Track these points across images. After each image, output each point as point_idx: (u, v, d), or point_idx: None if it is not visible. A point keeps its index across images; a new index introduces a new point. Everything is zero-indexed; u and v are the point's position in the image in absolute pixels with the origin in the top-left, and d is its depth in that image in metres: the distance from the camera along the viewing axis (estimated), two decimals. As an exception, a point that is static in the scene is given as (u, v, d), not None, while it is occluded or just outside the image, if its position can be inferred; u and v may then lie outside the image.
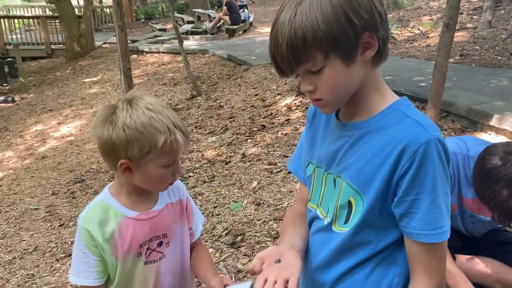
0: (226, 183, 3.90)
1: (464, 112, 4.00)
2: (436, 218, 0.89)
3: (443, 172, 0.89)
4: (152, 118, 1.10)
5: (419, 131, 0.88)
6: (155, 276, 1.27)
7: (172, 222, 1.28)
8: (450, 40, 3.50)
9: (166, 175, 1.17)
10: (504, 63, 6.12)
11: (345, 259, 1.02)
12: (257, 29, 13.44)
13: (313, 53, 0.86)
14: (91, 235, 1.17)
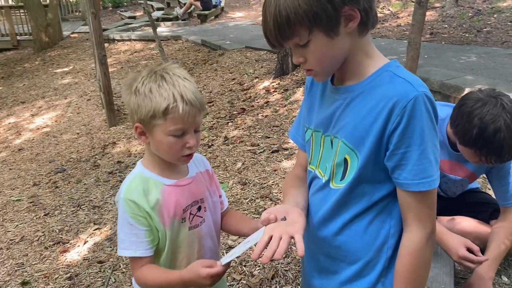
0: (211, 166, 3.95)
1: (437, 87, 4.16)
2: (425, 168, 0.95)
3: (431, 125, 0.95)
4: (161, 86, 1.15)
5: (407, 88, 0.94)
6: (198, 240, 1.32)
7: (204, 188, 1.34)
8: (422, 17, 3.62)
9: (175, 145, 1.19)
10: (472, 40, 6.33)
11: (343, 213, 1.09)
12: (228, 14, 13.36)
13: (297, 29, 0.93)
14: (137, 204, 1.19)
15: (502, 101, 1.55)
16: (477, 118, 1.56)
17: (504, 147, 1.54)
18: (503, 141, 1.53)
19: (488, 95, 1.59)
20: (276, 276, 2.46)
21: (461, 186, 1.99)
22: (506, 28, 6.50)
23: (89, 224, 3.45)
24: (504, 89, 3.69)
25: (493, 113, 1.53)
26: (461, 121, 1.63)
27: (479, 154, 1.63)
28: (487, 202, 2.01)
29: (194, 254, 1.31)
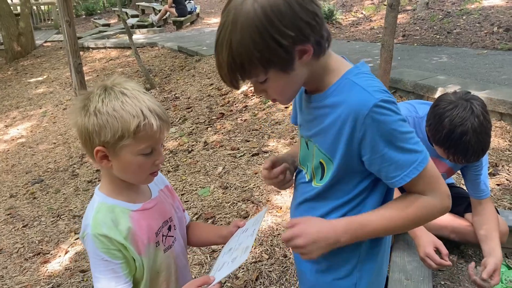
0: (191, 171, 3.96)
1: (411, 87, 4.27)
2: (405, 159, 1.00)
3: (395, 120, 0.98)
4: (125, 102, 1.06)
5: (366, 97, 0.97)
6: (174, 261, 1.28)
7: (170, 206, 1.31)
8: (394, 20, 3.73)
9: (145, 164, 1.12)
10: (442, 41, 6.51)
11: (321, 206, 1.15)
12: (204, 20, 13.36)
13: (253, 72, 0.97)
14: (109, 238, 1.10)
15: (472, 105, 1.62)
16: (447, 120, 1.63)
17: (469, 149, 1.62)
18: (469, 143, 1.60)
19: (461, 98, 1.66)
20: (260, 277, 2.49)
21: None
22: (474, 29, 6.71)
23: (69, 233, 3.41)
24: (475, 88, 3.83)
25: (462, 117, 1.60)
26: (433, 121, 1.70)
27: (447, 153, 1.70)
28: (462, 196, 2.08)
29: (172, 276, 1.28)
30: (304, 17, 0.93)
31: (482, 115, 1.61)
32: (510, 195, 2.75)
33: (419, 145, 1.02)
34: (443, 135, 1.65)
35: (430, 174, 1.03)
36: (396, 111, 0.99)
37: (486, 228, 1.84)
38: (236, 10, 0.92)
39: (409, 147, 1.00)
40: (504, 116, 3.54)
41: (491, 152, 3.28)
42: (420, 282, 1.78)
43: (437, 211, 1.06)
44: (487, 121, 1.64)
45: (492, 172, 3.02)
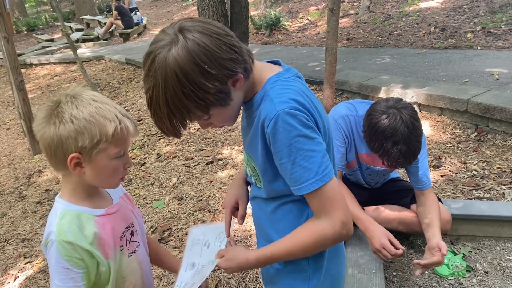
0: (144, 184, 3.89)
1: (356, 88, 4.41)
2: (299, 175, 1.02)
3: (294, 136, 1.00)
4: (99, 107, 1.09)
5: (270, 108, 1.01)
6: (139, 265, 1.28)
7: (130, 212, 1.32)
8: (336, 24, 3.85)
9: (118, 167, 1.15)
10: (385, 43, 6.78)
11: (270, 203, 1.21)
12: (152, 31, 13.21)
13: (194, 117, 1.02)
14: (73, 245, 1.10)
15: (402, 114, 1.71)
16: (380, 130, 1.72)
17: (401, 157, 1.72)
18: (400, 152, 1.70)
19: (391, 107, 1.74)
20: (220, 285, 2.48)
21: (383, 175, 2.15)
22: (413, 30, 7.03)
23: (18, 258, 3.24)
24: (415, 85, 4.01)
25: (392, 127, 1.69)
26: (367, 130, 1.79)
27: (381, 159, 1.80)
28: (407, 188, 2.18)
29: (138, 281, 1.28)
30: (226, 56, 0.97)
31: (412, 124, 1.70)
32: (453, 185, 2.89)
33: (319, 164, 1.02)
34: (376, 144, 1.75)
35: (327, 195, 1.03)
36: (297, 126, 0.99)
37: (428, 217, 1.93)
38: (162, 69, 0.94)
39: (304, 164, 1.01)
40: (444, 111, 3.73)
41: (434, 146, 3.45)
42: (373, 274, 1.83)
43: (329, 237, 1.05)
44: (417, 128, 1.72)
45: (436, 164, 3.17)
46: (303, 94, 1.05)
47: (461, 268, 2.03)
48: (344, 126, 1.95)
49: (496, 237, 2.23)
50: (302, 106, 1.01)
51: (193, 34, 0.95)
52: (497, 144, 3.31)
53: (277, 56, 7.06)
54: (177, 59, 0.93)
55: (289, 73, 1.11)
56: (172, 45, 0.94)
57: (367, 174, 2.12)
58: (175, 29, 0.97)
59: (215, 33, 0.97)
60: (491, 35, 5.83)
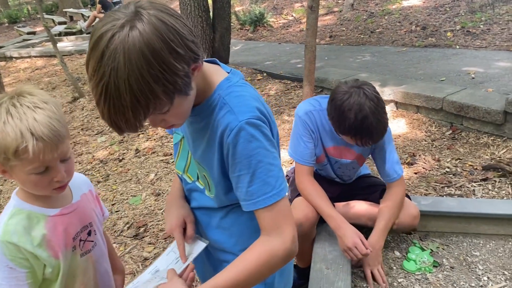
0: (122, 180, 3.87)
1: (335, 85, 4.43)
2: (258, 188, 0.99)
3: (260, 146, 0.98)
4: (7, 122, 1.01)
5: (231, 118, 0.97)
6: (93, 265, 1.28)
7: (91, 211, 1.30)
8: (315, 21, 3.86)
9: (41, 182, 1.09)
10: (366, 41, 6.83)
11: (218, 212, 1.19)
12: (136, 25, 13.10)
13: (158, 107, 0.89)
14: (17, 246, 1.09)
15: (364, 90, 1.74)
16: (347, 109, 1.73)
17: (373, 131, 1.74)
18: (371, 126, 1.72)
19: (353, 87, 1.77)
20: (193, 281, 2.48)
21: (353, 168, 2.16)
22: (395, 28, 7.10)
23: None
24: (393, 84, 4.06)
25: (358, 103, 1.71)
26: (335, 114, 1.80)
27: (355, 139, 1.81)
28: (377, 184, 2.20)
29: (90, 281, 1.28)
30: (188, 36, 0.89)
31: (376, 97, 1.74)
32: (426, 182, 2.94)
33: (277, 179, 1.00)
34: (346, 125, 1.75)
35: (280, 211, 1.01)
36: (259, 137, 0.97)
37: (382, 215, 1.96)
38: (124, 48, 0.81)
39: (264, 178, 0.99)
40: (420, 109, 3.78)
41: (409, 143, 3.49)
42: (339, 270, 1.86)
43: (280, 255, 1.01)
44: (381, 101, 1.76)
45: (410, 161, 3.21)
46: (258, 99, 1.02)
47: (428, 263, 2.06)
48: (309, 122, 1.97)
49: (464, 233, 2.27)
50: (262, 115, 0.99)
51: (155, 12, 0.85)
52: (470, 142, 3.37)
53: (261, 53, 7.07)
54: (143, 36, 0.82)
55: (236, 76, 1.07)
56: (135, 22, 0.82)
57: (336, 167, 2.14)
58: (131, 8, 0.85)
59: (175, 14, 0.89)
60: (470, 34, 5.92)
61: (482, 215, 2.23)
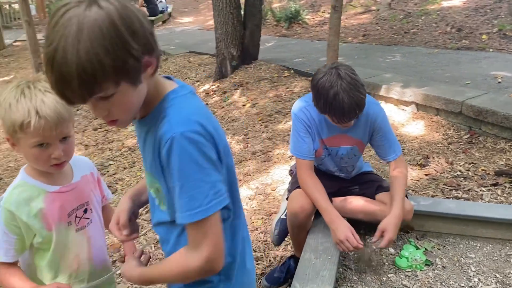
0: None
1: (358, 85, 4.47)
2: (184, 202, 0.98)
3: (191, 160, 0.96)
4: (19, 101, 1.21)
5: (167, 129, 0.97)
6: (87, 240, 1.42)
7: (89, 191, 1.46)
8: (338, 21, 3.92)
9: (40, 156, 1.26)
10: (399, 41, 6.77)
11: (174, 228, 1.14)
12: (176, 19, 13.45)
13: (104, 85, 0.88)
14: (13, 215, 1.26)
15: (338, 70, 1.84)
16: (321, 87, 1.86)
17: (345, 107, 1.83)
18: (343, 101, 1.81)
19: (329, 68, 1.88)
20: (198, 264, 2.63)
21: (354, 156, 2.23)
22: (430, 29, 6.98)
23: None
24: (415, 85, 4.06)
25: (331, 81, 1.82)
26: (313, 93, 1.94)
27: (332, 117, 1.92)
28: (373, 180, 2.28)
29: (84, 254, 1.42)
30: (149, 28, 0.93)
31: (349, 76, 1.82)
32: (435, 184, 2.96)
33: (205, 196, 0.99)
34: (322, 102, 1.87)
35: (203, 229, 1.00)
36: (191, 152, 0.96)
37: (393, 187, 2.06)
38: (79, 18, 0.83)
39: (191, 193, 0.98)
40: (440, 112, 3.77)
41: (425, 146, 3.50)
42: (327, 260, 1.95)
43: (192, 271, 1.03)
44: (356, 80, 1.83)
45: (422, 163, 3.23)
46: (203, 114, 1.02)
47: (419, 261, 2.12)
48: (304, 118, 2.06)
49: (461, 235, 2.30)
50: (202, 128, 0.98)
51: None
52: (487, 147, 3.34)
53: (292, 50, 7.14)
54: (104, 9, 0.84)
55: (184, 89, 1.07)
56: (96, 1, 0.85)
57: (338, 158, 2.21)
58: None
59: (136, 9, 0.92)
60: (506, 38, 5.76)
61: (480, 218, 2.26)
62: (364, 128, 2.10)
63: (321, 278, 1.83)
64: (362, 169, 2.40)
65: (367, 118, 2.07)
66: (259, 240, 2.77)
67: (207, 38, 8.57)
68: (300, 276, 1.85)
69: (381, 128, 2.10)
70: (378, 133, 2.12)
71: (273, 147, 3.95)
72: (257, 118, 4.66)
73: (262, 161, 3.77)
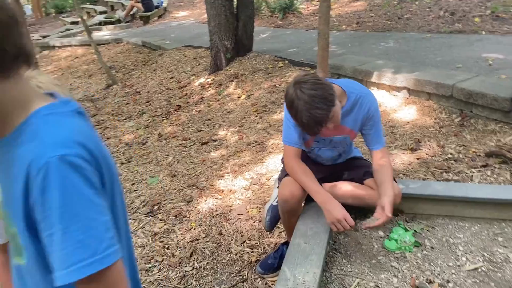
0: (143, 162, 4.14)
1: (350, 72, 4.50)
2: (71, 251, 0.74)
3: (79, 194, 0.75)
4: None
5: (41, 151, 0.75)
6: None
7: None
8: (327, 9, 3.93)
9: None
10: (393, 27, 6.76)
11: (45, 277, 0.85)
12: (172, 13, 13.41)
13: None
14: None
15: (300, 87, 1.83)
16: (287, 104, 1.91)
17: (305, 125, 1.87)
18: (301, 120, 1.86)
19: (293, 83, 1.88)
20: (195, 254, 2.70)
21: (346, 144, 2.29)
22: (424, 14, 6.97)
23: None
24: (406, 71, 4.08)
25: (291, 100, 1.85)
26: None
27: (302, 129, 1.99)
28: (362, 166, 2.32)
29: None
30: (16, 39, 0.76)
31: (309, 94, 1.82)
32: (426, 167, 3.00)
33: (101, 240, 0.77)
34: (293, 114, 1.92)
35: (107, 283, 0.78)
36: (77, 182, 0.75)
37: (380, 176, 2.12)
38: None
39: (81, 237, 0.74)
40: (432, 96, 3.79)
41: (417, 130, 3.54)
42: (316, 245, 2.00)
43: None
44: (314, 96, 1.83)
45: (414, 147, 3.27)
46: (87, 135, 0.82)
47: (409, 243, 2.16)
48: None
49: (450, 216, 2.34)
50: (88, 153, 0.79)
51: None
52: (478, 129, 3.37)
53: (287, 40, 7.14)
54: None
55: (67, 106, 0.86)
56: None
57: (332, 147, 2.26)
58: None
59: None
60: (498, 20, 5.76)
61: (468, 199, 2.30)
62: (356, 118, 2.15)
63: (310, 262, 1.88)
64: (352, 154, 2.44)
65: (360, 108, 2.12)
66: (254, 228, 2.82)
67: (203, 31, 8.56)
68: (289, 260, 1.90)
69: (373, 118, 2.15)
70: (369, 123, 2.16)
71: (268, 138, 3.99)
72: (252, 110, 4.69)
73: (257, 151, 3.81)
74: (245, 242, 2.72)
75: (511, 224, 2.25)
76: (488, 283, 1.89)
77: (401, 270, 2.00)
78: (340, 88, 2.07)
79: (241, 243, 2.72)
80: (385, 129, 3.60)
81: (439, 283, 1.91)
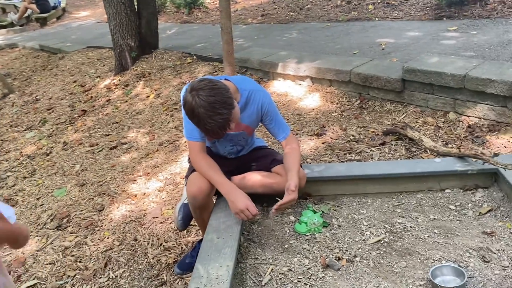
0: (48, 174, 3.89)
1: (257, 65, 4.58)
2: None
3: None
4: None
5: None
6: None
7: None
8: (228, 3, 3.95)
9: None
10: (295, 18, 6.98)
11: None
12: (72, 14, 12.67)
13: None
14: None
15: (197, 95, 1.83)
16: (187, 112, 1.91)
17: (209, 131, 1.91)
18: (205, 128, 1.90)
19: (189, 90, 1.88)
20: (109, 263, 2.60)
21: (243, 138, 2.32)
22: (323, 4, 7.28)
23: None
24: (308, 60, 4.24)
25: (191, 108, 1.85)
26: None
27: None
28: (267, 155, 2.38)
29: None
30: None
31: (207, 100, 1.83)
32: (331, 150, 3.15)
33: None
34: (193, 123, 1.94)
35: None
36: None
37: (287, 163, 2.19)
38: None
39: None
40: (333, 82, 3.98)
41: (321, 116, 3.70)
42: (229, 238, 2.02)
43: None
44: (214, 103, 1.84)
45: (319, 132, 3.41)
46: None
47: (317, 224, 2.26)
48: None
49: (353, 194, 2.49)
50: None
51: None
52: (376, 110, 3.61)
53: (194, 35, 7.08)
54: None
55: None
56: None
57: (228, 139, 2.28)
58: None
59: None
60: (389, 6, 6.19)
61: (367, 176, 2.46)
62: (251, 113, 2.19)
63: (223, 256, 1.89)
64: (255, 145, 2.49)
65: (255, 105, 2.18)
66: (170, 230, 2.78)
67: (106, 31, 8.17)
68: (202, 257, 1.90)
69: (269, 112, 2.21)
70: (267, 117, 2.23)
71: (180, 136, 3.94)
72: (162, 108, 4.60)
73: (170, 151, 3.75)
74: (161, 245, 2.67)
75: (407, 196, 2.44)
76: (390, 252, 2.03)
77: (312, 251, 2.08)
78: (233, 85, 2.11)
79: (158, 246, 2.66)
80: (292, 117, 3.72)
81: (347, 258, 2.02)
